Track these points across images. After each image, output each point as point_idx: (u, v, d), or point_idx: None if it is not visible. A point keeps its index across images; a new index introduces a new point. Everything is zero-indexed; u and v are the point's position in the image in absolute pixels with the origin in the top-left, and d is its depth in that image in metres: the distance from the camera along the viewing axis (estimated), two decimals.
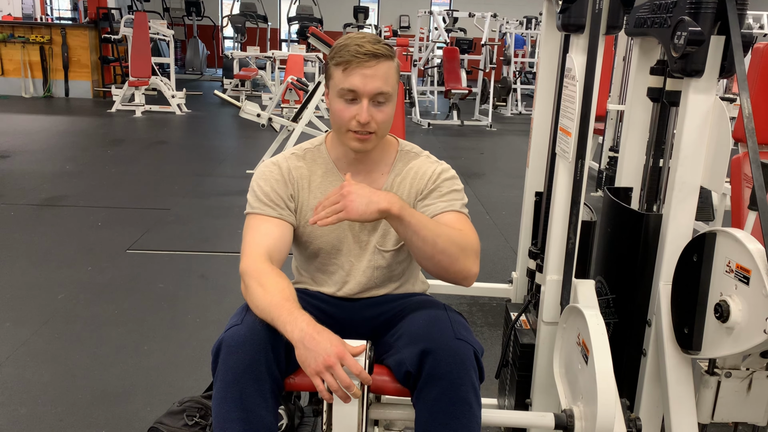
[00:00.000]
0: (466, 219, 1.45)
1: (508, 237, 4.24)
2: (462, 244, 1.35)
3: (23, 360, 2.45)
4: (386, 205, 1.27)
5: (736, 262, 1.33)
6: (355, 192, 1.27)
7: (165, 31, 10.14)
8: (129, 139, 7.38)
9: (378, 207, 1.26)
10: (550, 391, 1.58)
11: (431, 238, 1.31)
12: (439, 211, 1.44)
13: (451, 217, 1.43)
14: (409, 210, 1.31)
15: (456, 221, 1.42)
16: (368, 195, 1.27)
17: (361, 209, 1.26)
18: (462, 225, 1.42)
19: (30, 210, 4.41)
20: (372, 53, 1.35)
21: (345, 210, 1.26)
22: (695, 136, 1.47)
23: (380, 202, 1.27)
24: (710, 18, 1.40)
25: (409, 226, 1.29)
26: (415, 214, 1.32)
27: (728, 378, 1.52)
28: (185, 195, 4.95)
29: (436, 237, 1.31)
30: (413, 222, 1.30)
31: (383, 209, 1.27)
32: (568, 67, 1.45)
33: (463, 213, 1.46)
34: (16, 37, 10.20)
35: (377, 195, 1.28)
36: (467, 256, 1.35)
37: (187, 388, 2.22)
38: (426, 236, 1.30)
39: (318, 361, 1.15)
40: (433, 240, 1.31)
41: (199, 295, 3.13)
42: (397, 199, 1.30)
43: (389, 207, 1.27)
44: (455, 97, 9.76)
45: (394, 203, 1.28)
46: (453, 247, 1.32)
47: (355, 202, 1.26)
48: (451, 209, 1.44)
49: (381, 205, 1.27)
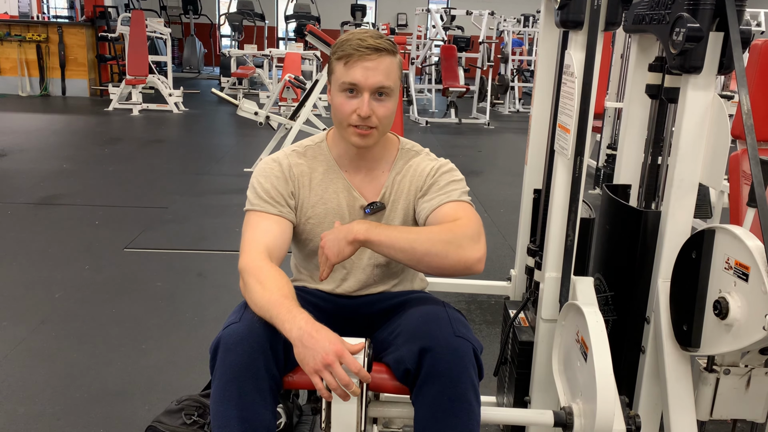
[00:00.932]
0: (465, 206, 1.43)
1: (506, 235, 4.24)
2: (447, 237, 1.33)
3: (21, 359, 2.44)
4: (352, 235, 1.32)
5: (735, 259, 1.33)
6: (328, 238, 1.35)
7: (162, 29, 10.12)
8: (126, 137, 7.36)
9: (345, 241, 1.32)
10: (549, 389, 1.58)
11: (408, 246, 1.32)
12: (436, 205, 1.43)
13: (447, 209, 1.42)
14: (376, 229, 1.33)
15: (452, 211, 1.41)
16: (336, 235, 1.34)
17: (336, 251, 1.33)
18: (459, 213, 1.40)
19: (27, 209, 4.39)
20: (374, 47, 1.34)
21: (327, 258, 1.34)
22: (694, 132, 1.47)
23: (347, 235, 1.32)
24: (709, 14, 1.40)
25: (381, 243, 1.33)
26: (383, 230, 1.34)
27: (727, 375, 1.52)
28: (183, 193, 4.94)
29: (412, 242, 1.32)
30: (383, 239, 1.32)
31: (350, 240, 1.32)
32: (567, 64, 1.45)
33: (462, 201, 1.44)
34: (13, 36, 10.17)
35: (343, 230, 1.34)
36: (458, 247, 1.32)
37: (186, 387, 2.22)
38: (402, 246, 1.32)
39: (317, 359, 1.15)
40: (411, 246, 1.32)
41: (196, 294, 3.13)
42: (361, 225, 1.34)
43: (355, 236, 1.32)
44: (453, 95, 9.76)
45: (358, 231, 1.32)
46: (437, 246, 1.32)
47: (331, 249, 1.33)
48: (447, 200, 1.43)
49: (348, 238, 1.32)
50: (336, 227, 1.38)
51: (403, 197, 1.49)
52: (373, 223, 1.36)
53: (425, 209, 1.44)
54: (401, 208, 1.49)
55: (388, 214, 1.49)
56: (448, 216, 1.40)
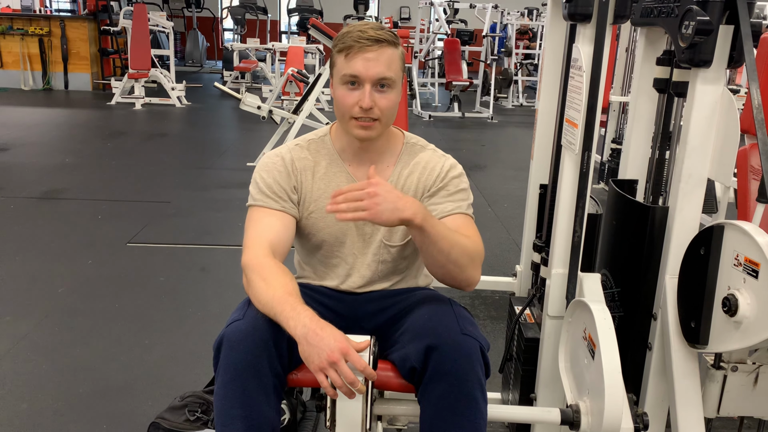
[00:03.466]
0: (472, 222, 1.45)
1: (510, 229, 4.22)
2: (472, 254, 1.35)
3: (23, 354, 2.43)
4: (410, 214, 1.24)
5: (745, 256, 1.31)
6: (383, 195, 1.23)
7: (164, 22, 10.09)
8: (129, 131, 7.35)
9: (402, 215, 1.23)
10: (555, 386, 1.57)
11: (447, 248, 1.30)
12: (447, 212, 1.43)
13: (458, 221, 1.42)
14: (431, 220, 1.29)
15: (463, 225, 1.41)
16: (394, 201, 1.23)
17: (386, 215, 1.22)
18: (469, 229, 1.41)
19: (30, 203, 4.39)
20: (375, 38, 1.33)
21: (369, 211, 1.22)
22: (703, 127, 1.45)
23: (405, 210, 1.23)
24: (719, 7, 1.38)
25: (429, 236, 1.28)
26: (436, 224, 1.29)
27: (734, 372, 1.51)
28: (186, 188, 4.93)
29: (451, 248, 1.31)
30: (433, 232, 1.28)
31: (406, 218, 1.24)
32: (575, 58, 1.43)
33: (468, 215, 1.46)
34: (15, 30, 10.15)
35: (403, 202, 1.24)
36: (474, 266, 1.36)
37: (189, 383, 2.21)
38: (443, 247, 1.30)
39: (321, 357, 1.14)
40: (449, 250, 1.30)
41: (199, 289, 3.12)
42: (421, 209, 1.27)
43: (413, 217, 1.24)
44: (456, 89, 9.72)
45: (417, 213, 1.25)
46: (464, 258, 1.33)
47: (381, 205, 1.22)
48: (458, 211, 1.43)
49: (405, 214, 1.23)
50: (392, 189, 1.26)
51: (411, 194, 1.47)
52: (428, 212, 1.31)
53: (434, 212, 1.43)
54: None
55: None
56: (459, 229, 1.40)
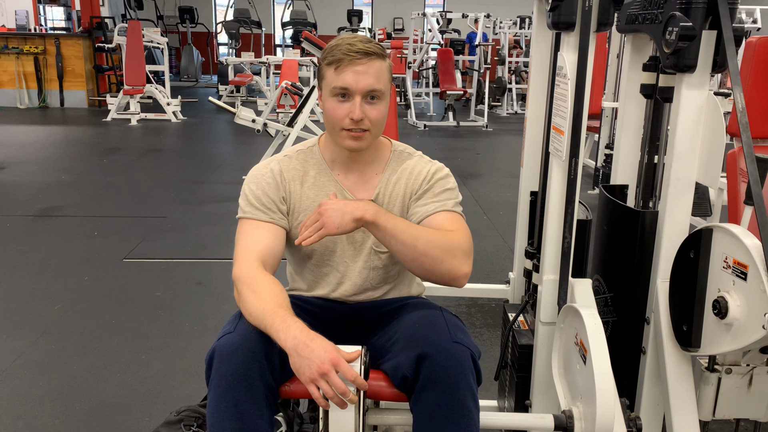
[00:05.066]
0: (458, 218, 1.45)
1: (505, 237, 4.23)
2: (446, 245, 1.34)
3: (20, 372, 2.43)
4: (360, 213, 1.30)
5: (734, 258, 1.32)
6: (330, 207, 1.31)
7: (158, 38, 10.14)
8: (125, 147, 7.36)
9: (352, 216, 1.30)
10: (550, 392, 1.57)
11: (410, 241, 1.32)
12: (431, 211, 1.43)
13: (442, 218, 1.42)
14: (385, 216, 1.33)
15: (447, 221, 1.42)
16: (342, 207, 1.31)
17: (337, 221, 1.30)
18: (454, 225, 1.41)
19: (26, 221, 4.39)
20: (364, 51, 1.35)
21: (324, 226, 1.30)
22: (689, 131, 1.47)
23: (354, 211, 1.30)
24: (701, 13, 1.40)
25: (386, 231, 1.32)
26: (391, 219, 1.33)
27: (729, 374, 1.51)
28: (182, 202, 4.93)
29: (416, 240, 1.32)
30: (389, 227, 1.32)
31: (357, 217, 1.30)
32: (560, 66, 1.44)
33: (455, 212, 1.46)
34: (10, 48, 10.20)
35: (351, 205, 1.32)
36: (453, 257, 1.34)
37: (186, 397, 2.21)
38: (405, 240, 1.32)
39: (312, 368, 1.14)
40: (413, 243, 1.32)
41: (196, 303, 3.12)
42: (371, 206, 1.32)
43: (363, 214, 1.30)
44: (450, 98, 9.76)
45: (367, 210, 1.31)
46: (435, 249, 1.33)
47: (331, 217, 1.30)
48: (442, 209, 1.44)
49: (355, 214, 1.30)
50: (339, 200, 1.35)
51: (399, 199, 1.49)
52: (383, 210, 1.35)
53: (418, 214, 1.44)
54: (398, 210, 1.49)
55: None
56: (443, 225, 1.41)
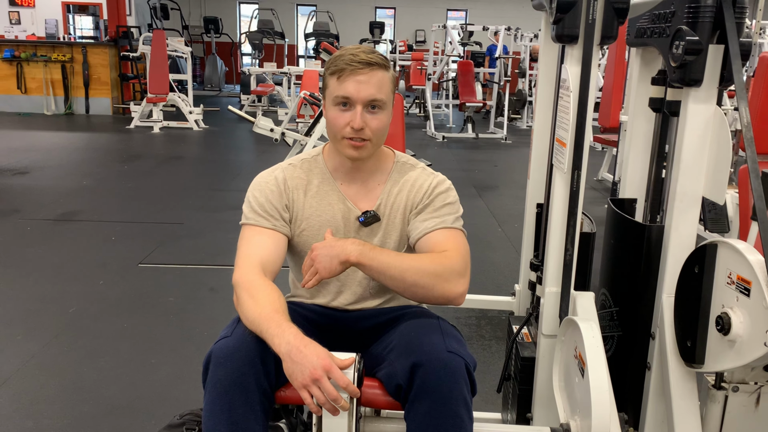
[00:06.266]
0: (457, 235, 1.46)
1: (519, 249, 4.19)
2: (436, 270, 1.36)
3: (32, 373, 2.47)
4: (344, 256, 1.33)
5: (737, 274, 1.31)
6: (320, 253, 1.35)
7: (182, 48, 10.29)
8: (146, 154, 7.47)
9: (338, 260, 1.34)
10: (551, 405, 1.56)
11: (398, 275, 1.34)
12: (430, 228, 1.45)
13: (440, 236, 1.44)
14: (370, 254, 1.35)
15: (445, 239, 1.43)
16: (329, 252, 1.34)
17: (327, 266, 1.34)
18: (451, 242, 1.42)
19: (46, 225, 4.47)
20: (366, 61, 1.36)
21: (318, 273, 1.35)
22: (696, 145, 1.46)
23: (339, 255, 1.33)
24: (708, 27, 1.39)
25: (372, 268, 1.35)
26: (377, 255, 1.35)
27: (736, 392, 1.49)
28: (198, 209, 4.99)
29: (403, 273, 1.34)
30: (374, 264, 1.34)
31: (343, 260, 1.34)
32: (563, 78, 1.44)
33: (455, 228, 1.46)
34: (39, 56, 10.43)
35: (337, 248, 1.34)
36: (445, 280, 1.36)
37: (192, 402, 2.21)
38: (393, 274, 1.34)
39: (305, 374, 1.15)
40: (401, 276, 1.34)
41: (208, 309, 3.15)
42: (355, 247, 1.35)
43: (347, 257, 1.33)
44: (470, 110, 9.76)
45: (351, 252, 1.33)
46: (425, 278, 1.35)
47: (322, 263, 1.34)
48: (441, 226, 1.45)
49: (340, 258, 1.33)
50: (328, 240, 1.38)
51: (401, 211, 1.49)
52: (368, 245, 1.38)
53: (417, 229, 1.46)
54: (399, 222, 1.49)
55: (385, 228, 1.49)
56: (440, 244, 1.42)
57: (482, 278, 3.60)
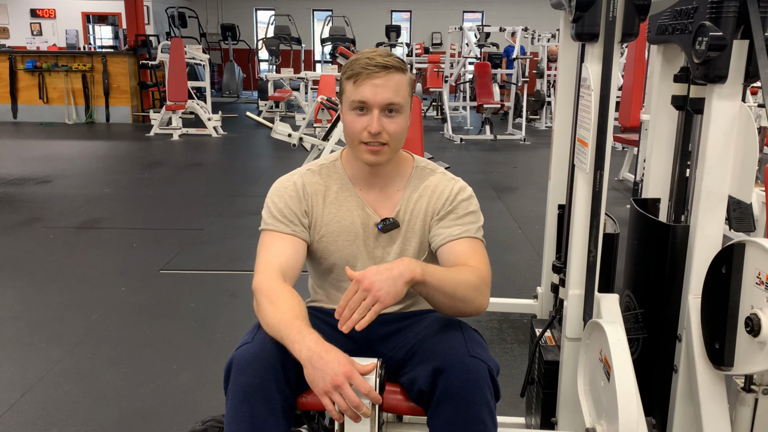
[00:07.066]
0: (480, 246, 1.45)
1: (540, 251, 4.14)
2: (477, 284, 1.34)
3: (56, 380, 2.49)
4: (409, 275, 1.23)
5: (767, 274, 1.27)
6: (376, 280, 1.21)
7: (200, 55, 10.39)
8: (166, 161, 7.54)
9: (403, 281, 1.22)
10: (576, 409, 1.53)
11: (451, 290, 1.30)
12: (455, 236, 1.43)
13: (465, 245, 1.42)
14: (429, 270, 1.27)
15: (469, 250, 1.41)
16: (389, 275, 1.22)
17: (393, 292, 1.21)
18: (475, 253, 1.41)
19: (68, 233, 4.52)
20: (382, 65, 1.35)
21: (378, 302, 1.20)
22: (721, 143, 1.42)
23: (403, 275, 1.22)
24: (732, 22, 1.36)
25: (431, 285, 1.28)
26: (435, 272, 1.28)
27: (766, 395, 1.45)
28: (218, 215, 5.02)
29: (456, 288, 1.31)
30: (433, 281, 1.28)
31: (408, 280, 1.23)
32: (584, 77, 1.42)
33: (477, 238, 1.45)
34: (60, 66, 10.58)
35: (396, 269, 1.23)
36: (481, 294, 1.35)
37: (214, 408, 2.22)
38: (447, 291, 1.30)
39: (326, 380, 1.14)
40: (453, 291, 1.31)
41: (228, 314, 3.15)
42: (416, 264, 1.25)
43: (412, 276, 1.23)
44: (488, 112, 9.71)
45: (415, 270, 1.24)
46: (471, 292, 1.33)
47: (382, 290, 1.20)
48: (466, 235, 1.43)
49: (405, 278, 1.22)
50: (377, 267, 1.24)
51: (421, 217, 1.48)
52: (421, 263, 1.28)
53: (441, 235, 1.44)
54: (419, 228, 1.48)
55: (404, 234, 1.48)
56: (464, 253, 1.40)
57: (503, 281, 3.58)
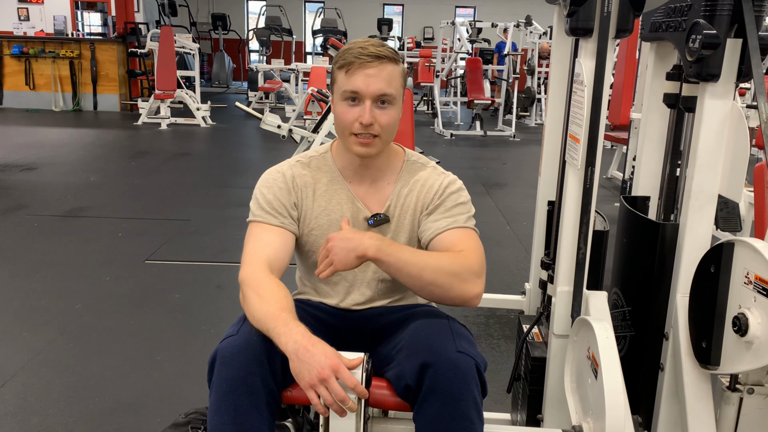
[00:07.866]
0: (470, 234, 1.42)
1: (528, 247, 4.16)
2: (454, 269, 1.32)
3: (37, 370, 2.46)
4: (362, 250, 1.28)
5: (755, 273, 1.28)
6: (336, 245, 1.30)
7: (190, 44, 10.29)
8: (153, 151, 7.47)
9: (355, 254, 1.29)
10: (562, 406, 1.53)
11: (416, 272, 1.30)
12: (442, 228, 1.41)
13: (453, 235, 1.40)
14: (388, 249, 1.30)
15: (459, 239, 1.39)
16: (346, 244, 1.29)
17: (344, 260, 1.29)
18: (465, 242, 1.39)
19: (53, 221, 4.47)
20: (375, 55, 1.33)
21: (333, 263, 1.30)
22: (712, 142, 1.42)
23: (357, 248, 1.28)
24: (726, 20, 1.36)
25: (390, 264, 1.30)
26: (395, 251, 1.31)
27: (751, 395, 1.46)
28: (206, 206, 4.98)
29: (421, 270, 1.30)
30: (392, 261, 1.29)
31: (360, 255, 1.29)
32: (577, 72, 1.41)
33: (467, 227, 1.43)
34: (47, 53, 10.45)
35: (354, 242, 1.29)
36: (463, 281, 1.32)
37: (198, 399, 2.20)
38: (410, 272, 1.30)
39: (312, 373, 1.12)
40: (419, 274, 1.30)
41: (214, 306, 3.13)
42: (373, 242, 1.30)
43: (365, 252, 1.29)
44: (478, 108, 9.71)
45: (369, 247, 1.29)
46: (443, 277, 1.30)
47: (338, 255, 1.29)
48: (454, 226, 1.41)
49: (357, 252, 1.28)
50: (345, 232, 1.33)
51: (410, 212, 1.46)
52: (386, 240, 1.33)
53: (430, 230, 1.42)
54: (408, 223, 1.46)
55: (394, 228, 1.47)
56: (454, 244, 1.38)
57: (491, 277, 3.56)
